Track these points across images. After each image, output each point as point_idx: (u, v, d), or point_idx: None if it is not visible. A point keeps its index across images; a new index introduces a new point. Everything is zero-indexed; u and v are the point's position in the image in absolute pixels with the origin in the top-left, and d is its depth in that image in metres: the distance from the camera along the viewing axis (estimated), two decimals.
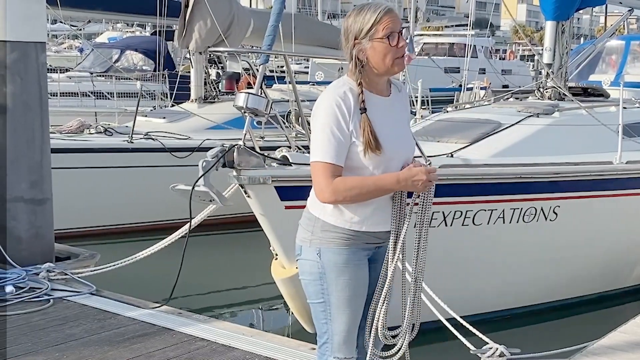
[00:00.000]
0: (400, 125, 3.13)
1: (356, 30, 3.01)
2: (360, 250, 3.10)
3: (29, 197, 6.42)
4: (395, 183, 2.97)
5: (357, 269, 3.10)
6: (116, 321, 5.13)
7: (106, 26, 31.99)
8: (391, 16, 3.00)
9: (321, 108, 3.00)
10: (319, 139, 2.97)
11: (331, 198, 2.97)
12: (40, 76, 6.52)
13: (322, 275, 3.08)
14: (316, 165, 2.98)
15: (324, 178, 2.95)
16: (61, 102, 13.65)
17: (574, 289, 7.36)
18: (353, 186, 2.96)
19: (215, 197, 5.17)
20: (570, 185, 6.85)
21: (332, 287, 3.08)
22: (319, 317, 3.16)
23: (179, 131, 10.59)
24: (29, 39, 6.38)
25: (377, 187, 2.98)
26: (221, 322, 5.26)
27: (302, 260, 3.16)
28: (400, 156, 3.07)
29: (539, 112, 7.70)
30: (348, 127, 2.95)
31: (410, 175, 2.95)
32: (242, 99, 5.32)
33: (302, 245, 3.16)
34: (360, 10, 3.02)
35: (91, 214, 9.76)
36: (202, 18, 11.23)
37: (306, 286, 3.17)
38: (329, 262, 3.06)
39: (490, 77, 24.74)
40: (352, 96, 2.98)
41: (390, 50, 2.99)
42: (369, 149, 2.95)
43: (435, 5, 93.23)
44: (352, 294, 3.09)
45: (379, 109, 3.04)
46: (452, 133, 7.34)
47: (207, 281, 8.49)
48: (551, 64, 8.69)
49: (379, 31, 2.98)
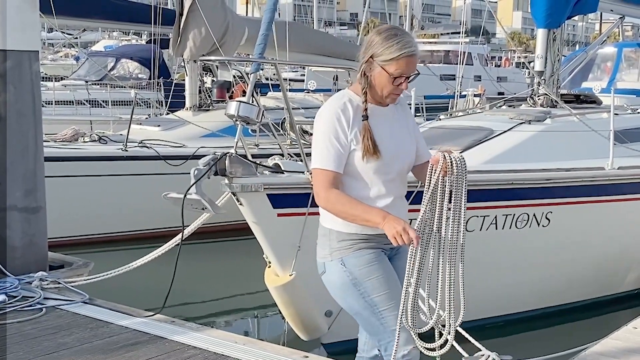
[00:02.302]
0: (398, 133, 3.28)
1: (376, 51, 3.16)
2: (379, 249, 3.28)
3: (23, 205, 6.41)
4: (380, 222, 3.06)
5: (383, 264, 3.27)
6: (109, 330, 5.11)
7: (102, 35, 32.07)
8: (410, 61, 3.15)
9: (322, 119, 3.19)
10: (319, 148, 3.16)
11: (322, 204, 3.18)
12: (34, 85, 6.52)
13: (355, 280, 3.23)
14: (316, 171, 3.17)
15: (321, 184, 3.13)
16: (56, 111, 13.73)
17: (567, 295, 7.38)
18: (343, 204, 3.14)
19: (207, 205, 5.18)
20: (563, 191, 6.88)
21: (369, 288, 3.22)
22: (371, 323, 3.28)
23: (173, 139, 10.61)
24: (23, 48, 6.39)
25: (362, 218, 3.12)
26: (214, 330, 5.26)
27: (329, 275, 3.30)
28: (398, 161, 3.25)
29: (530, 119, 7.74)
30: (347, 137, 3.14)
31: (396, 226, 3.01)
32: (234, 107, 5.34)
33: (324, 262, 3.31)
34: (392, 38, 3.15)
35: (86, 222, 9.77)
36: (196, 26, 11.26)
37: (344, 299, 3.30)
38: (355, 267, 3.22)
39: (486, 84, 24.79)
40: (351, 107, 3.18)
41: (391, 85, 3.17)
42: (368, 154, 3.13)
43: (432, 13, 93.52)
44: (389, 286, 3.24)
45: (378, 117, 3.22)
46: (444, 140, 7.37)
47: (201, 289, 8.48)
48: (543, 71, 8.73)
49: (392, 67, 3.14)
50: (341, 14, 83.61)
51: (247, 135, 9.81)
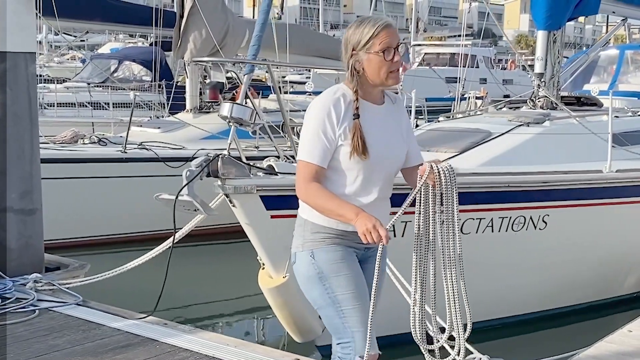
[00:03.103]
0: (389, 133, 3.23)
1: (354, 41, 3.14)
2: (351, 249, 3.22)
3: (19, 207, 6.41)
4: (352, 218, 3.03)
5: (353, 263, 3.22)
6: (100, 332, 5.11)
7: (109, 37, 32.11)
8: (389, 31, 3.12)
9: (312, 111, 3.15)
10: (306, 140, 3.13)
11: (301, 196, 3.15)
12: (30, 87, 6.53)
13: (321, 274, 3.18)
14: (300, 163, 3.14)
15: (303, 176, 3.11)
16: (58, 113, 13.73)
17: (564, 298, 7.34)
18: (320, 197, 3.10)
19: (199, 207, 5.17)
20: (560, 194, 6.84)
21: (334, 285, 3.17)
22: (333, 319, 3.23)
23: (173, 141, 10.60)
24: (19, 50, 6.39)
25: (336, 213, 3.09)
26: (206, 332, 5.24)
27: (298, 265, 3.27)
28: (385, 163, 3.20)
29: (529, 121, 7.70)
30: (335, 133, 3.10)
31: (367, 223, 2.98)
32: (227, 108, 5.34)
33: (295, 252, 3.28)
34: (361, 23, 3.16)
35: (85, 224, 9.77)
36: (197, 28, 11.26)
37: (309, 292, 3.26)
38: (324, 261, 3.18)
39: (492, 87, 24.76)
40: (343, 102, 3.13)
41: (385, 64, 3.11)
42: (356, 153, 3.09)
43: (438, 15, 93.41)
44: (356, 286, 3.19)
45: (370, 116, 3.16)
46: (441, 143, 7.34)
47: (196, 292, 8.47)
48: (543, 73, 8.68)
49: (376, 45, 3.10)
50: (347, 16, 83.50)
51: (248, 137, 9.81)
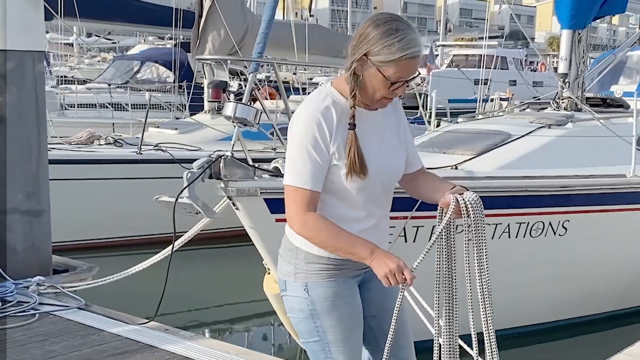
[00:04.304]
0: (387, 142, 2.81)
1: (372, 48, 2.63)
2: (350, 278, 2.84)
3: (25, 208, 6.31)
4: (367, 257, 2.63)
5: (350, 299, 2.85)
6: (99, 337, 4.99)
7: (138, 39, 32.28)
8: (412, 63, 2.65)
9: (299, 124, 2.67)
10: (293, 160, 2.66)
11: (297, 229, 2.71)
12: (37, 86, 6.42)
13: (314, 312, 2.81)
14: (289, 189, 2.67)
15: (296, 206, 2.65)
16: (79, 114, 13.74)
17: (584, 308, 7.09)
18: (323, 232, 2.67)
19: (200, 210, 5.01)
20: (581, 199, 6.60)
21: (326, 323, 2.81)
22: (317, 354, 2.88)
23: (190, 142, 10.48)
24: (26, 48, 6.29)
25: (346, 251, 2.67)
26: (207, 339, 5.11)
27: (289, 297, 2.89)
28: (385, 177, 2.80)
29: (551, 123, 7.44)
30: (328, 149, 2.64)
31: (390, 264, 2.59)
32: (231, 108, 5.19)
33: (286, 280, 2.89)
34: (393, 34, 2.62)
35: (99, 225, 9.69)
36: (215, 28, 11.14)
37: (297, 324, 2.91)
38: (319, 298, 2.79)
39: (522, 89, 24.42)
40: (334, 112, 2.67)
41: (385, 90, 2.67)
42: (353, 172, 2.65)
43: (469, 17, 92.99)
44: (349, 327, 2.85)
45: (366, 125, 2.72)
46: (459, 144, 7.12)
47: (201, 296, 8.35)
48: (567, 74, 8.43)
49: (390, 69, 2.63)
50: None
51: (265, 138, 9.64)
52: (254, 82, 5.55)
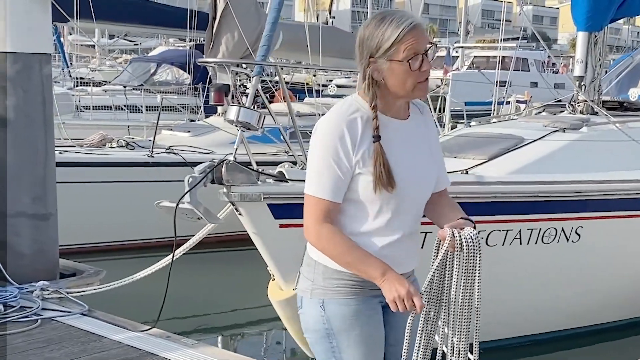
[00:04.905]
0: (420, 156, 2.70)
1: (373, 46, 2.56)
2: (372, 298, 2.69)
3: (32, 212, 6.27)
4: (377, 278, 2.55)
5: (370, 320, 2.72)
6: (100, 345, 4.93)
7: (160, 41, 32.39)
8: (416, 34, 2.54)
9: (322, 134, 2.59)
10: (315, 169, 2.60)
11: (312, 240, 2.64)
12: (45, 88, 6.37)
13: (330, 331, 2.69)
14: (309, 199, 2.61)
15: (314, 216, 2.59)
16: (94, 116, 13.74)
17: (599, 316, 6.93)
18: (336, 246, 2.59)
19: (201, 215, 4.93)
20: (595, 205, 6.45)
21: (343, 344, 2.69)
22: None
23: (202, 145, 10.42)
24: (33, 50, 6.24)
25: (357, 268, 2.59)
26: (209, 347, 5.01)
27: (305, 314, 2.78)
28: (415, 193, 2.68)
29: (565, 126, 7.29)
30: (350, 161, 2.56)
31: (400, 289, 2.51)
32: (234, 112, 5.11)
33: (302, 297, 2.79)
34: (381, 22, 2.56)
35: (109, 228, 9.65)
36: (229, 30, 11.07)
37: (313, 345, 2.78)
38: (336, 316, 2.67)
39: (543, 91, 24.15)
40: (360, 123, 2.57)
41: (412, 74, 2.56)
42: (380, 184, 2.55)
43: (491, 19, 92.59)
44: (368, 350, 2.70)
45: (394, 136, 2.62)
46: (470, 149, 6.99)
47: (206, 301, 8.28)
48: (583, 76, 8.28)
49: (400, 52, 2.53)
50: None
51: (280, 142, 9.56)
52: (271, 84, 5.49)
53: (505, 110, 12.89)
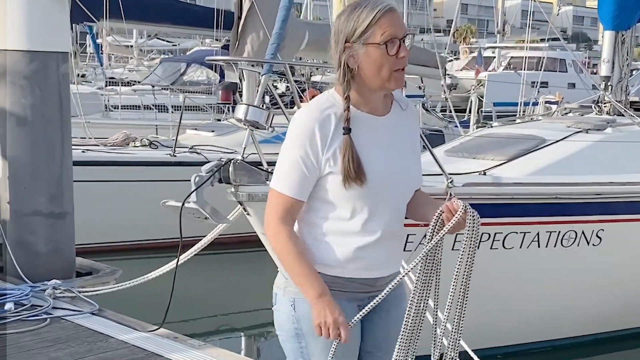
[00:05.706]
0: (397, 153, 2.58)
1: (348, 30, 2.46)
2: (346, 301, 2.57)
3: (48, 211, 6.27)
4: (312, 299, 2.48)
5: None
6: (106, 345, 4.90)
7: (197, 41, 32.51)
8: (392, 17, 2.45)
9: (294, 129, 2.52)
10: (281, 165, 2.55)
11: (269, 236, 2.57)
12: (62, 87, 6.37)
13: (299, 331, 2.60)
14: (273, 193, 2.56)
15: (276, 212, 2.53)
16: (123, 115, 13.82)
17: (620, 321, 6.76)
18: (287, 253, 2.52)
19: (208, 215, 4.87)
20: (616, 207, 6.30)
21: (311, 345, 2.59)
22: None
23: (226, 145, 10.36)
24: (50, 49, 6.24)
25: (296, 281, 2.53)
26: (215, 349, 4.96)
27: (277, 312, 2.70)
28: (392, 190, 2.56)
29: (589, 127, 7.12)
30: (317, 160, 2.48)
31: (327, 316, 2.45)
32: (242, 110, 5.05)
33: (277, 293, 2.71)
34: (356, 8, 2.48)
35: (132, 227, 9.64)
36: (254, 30, 10.98)
37: (282, 343, 2.70)
38: (306, 317, 2.55)
39: (581, 92, 23.78)
40: (334, 119, 2.49)
41: (388, 59, 2.45)
42: (348, 178, 2.45)
43: (532, 19, 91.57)
44: (338, 354, 2.54)
45: (368, 132, 2.53)
46: (489, 149, 6.85)
47: (215, 302, 8.26)
48: (609, 76, 8.11)
49: (377, 34, 2.44)
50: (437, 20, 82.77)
51: None
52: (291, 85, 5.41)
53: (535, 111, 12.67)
